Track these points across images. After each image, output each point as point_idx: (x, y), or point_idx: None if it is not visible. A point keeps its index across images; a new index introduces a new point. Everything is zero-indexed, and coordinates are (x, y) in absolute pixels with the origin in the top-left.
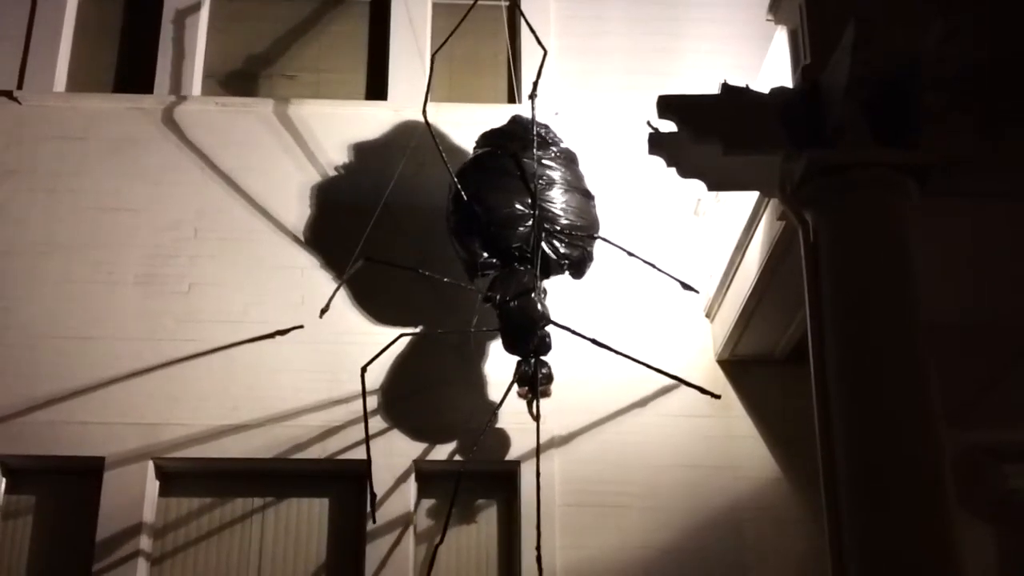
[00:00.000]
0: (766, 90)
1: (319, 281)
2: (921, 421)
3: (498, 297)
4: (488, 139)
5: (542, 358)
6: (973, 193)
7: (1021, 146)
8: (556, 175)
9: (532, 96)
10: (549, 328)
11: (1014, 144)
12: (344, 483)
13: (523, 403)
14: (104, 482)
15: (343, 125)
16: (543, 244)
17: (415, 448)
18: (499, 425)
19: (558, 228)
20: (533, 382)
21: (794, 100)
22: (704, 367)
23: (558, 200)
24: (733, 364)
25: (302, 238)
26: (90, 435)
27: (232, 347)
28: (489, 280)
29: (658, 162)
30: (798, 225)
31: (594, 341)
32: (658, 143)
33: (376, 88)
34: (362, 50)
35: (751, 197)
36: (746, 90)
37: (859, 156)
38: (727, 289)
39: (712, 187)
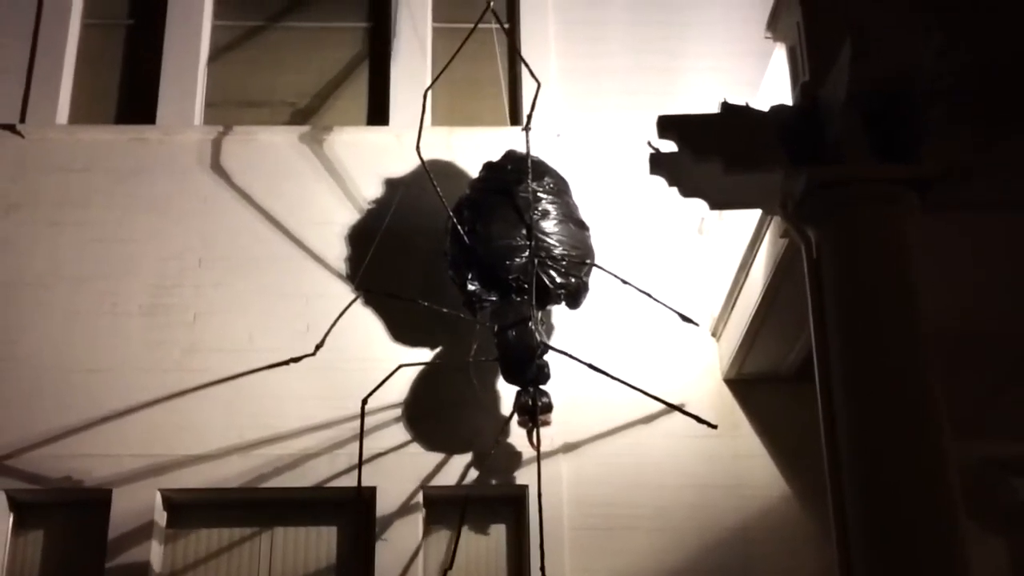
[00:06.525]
0: (766, 108)
1: (324, 308)
2: (928, 434)
3: (496, 327)
4: (485, 171)
5: (541, 387)
6: (974, 204)
7: (1021, 155)
8: (551, 207)
9: (526, 128)
10: (549, 354)
11: (1014, 154)
12: (351, 511)
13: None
14: (112, 514)
15: (345, 151)
16: (539, 274)
17: (422, 473)
18: (510, 449)
19: (554, 258)
20: (532, 412)
21: (793, 117)
22: (711, 386)
23: (553, 230)
24: (740, 383)
25: (306, 265)
26: (97, 467)
27: (239, 377)
28: (489, 310)
29: (660, 182)
30: (800, 242)
31: (592, 367)
32: (659, 163)
33: (377, 113)
34: (362, 76)
35: (754, 215)
36: (746, 108)
37: (859, 171)
38: (732, 308)
39: (714, 206)
